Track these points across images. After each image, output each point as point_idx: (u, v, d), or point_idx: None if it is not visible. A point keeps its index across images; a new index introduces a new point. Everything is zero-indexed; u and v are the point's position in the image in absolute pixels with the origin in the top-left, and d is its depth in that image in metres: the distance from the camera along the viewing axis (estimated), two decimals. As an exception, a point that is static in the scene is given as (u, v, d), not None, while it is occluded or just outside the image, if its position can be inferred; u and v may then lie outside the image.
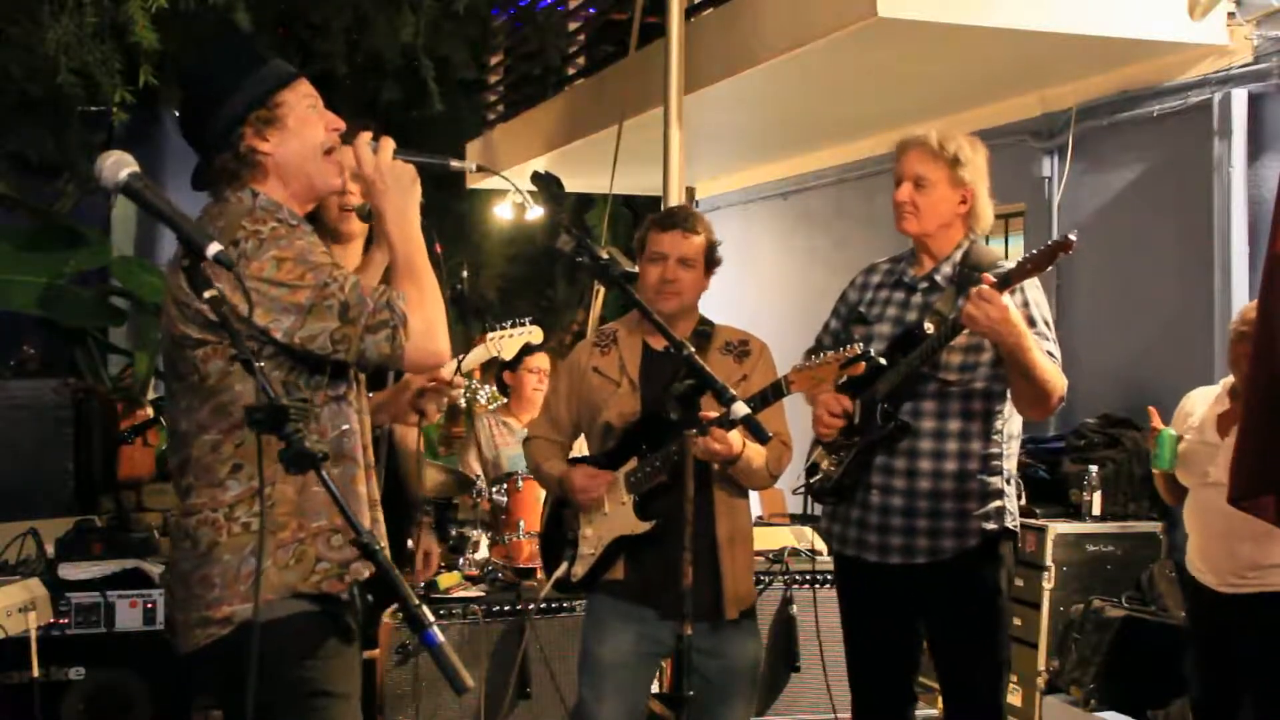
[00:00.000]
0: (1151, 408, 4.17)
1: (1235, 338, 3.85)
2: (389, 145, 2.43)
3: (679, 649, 2.74)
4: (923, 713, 3.48)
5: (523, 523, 4.57)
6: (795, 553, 4.73)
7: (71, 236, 8.73)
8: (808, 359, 3.17)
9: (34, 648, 3.80)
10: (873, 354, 3.03)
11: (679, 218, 3.44)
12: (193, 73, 2.52)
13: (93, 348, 9.00)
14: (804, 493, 3.54)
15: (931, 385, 3.24)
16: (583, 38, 8.34)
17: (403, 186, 2.43)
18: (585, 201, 10.44)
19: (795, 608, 4.57)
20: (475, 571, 4.58)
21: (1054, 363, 3.17)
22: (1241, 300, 4.93)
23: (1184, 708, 4.60)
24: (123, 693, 4.18)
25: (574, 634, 4.13)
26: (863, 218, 7.47)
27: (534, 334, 4.58)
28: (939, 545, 3.24)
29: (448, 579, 4.45)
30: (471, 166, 2.56)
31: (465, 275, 9.83)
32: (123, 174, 2.06)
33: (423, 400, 3.24)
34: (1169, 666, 4.66)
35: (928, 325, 3.20)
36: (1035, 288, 3.27)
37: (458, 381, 3.27)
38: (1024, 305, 3.18)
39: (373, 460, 2.55)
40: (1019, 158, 6.23)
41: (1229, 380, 3.97)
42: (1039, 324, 3.21)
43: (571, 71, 8.34)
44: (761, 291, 8.34)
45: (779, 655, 4.54)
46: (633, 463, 3.34)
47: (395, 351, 2.32)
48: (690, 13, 5.92)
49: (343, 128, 2.47)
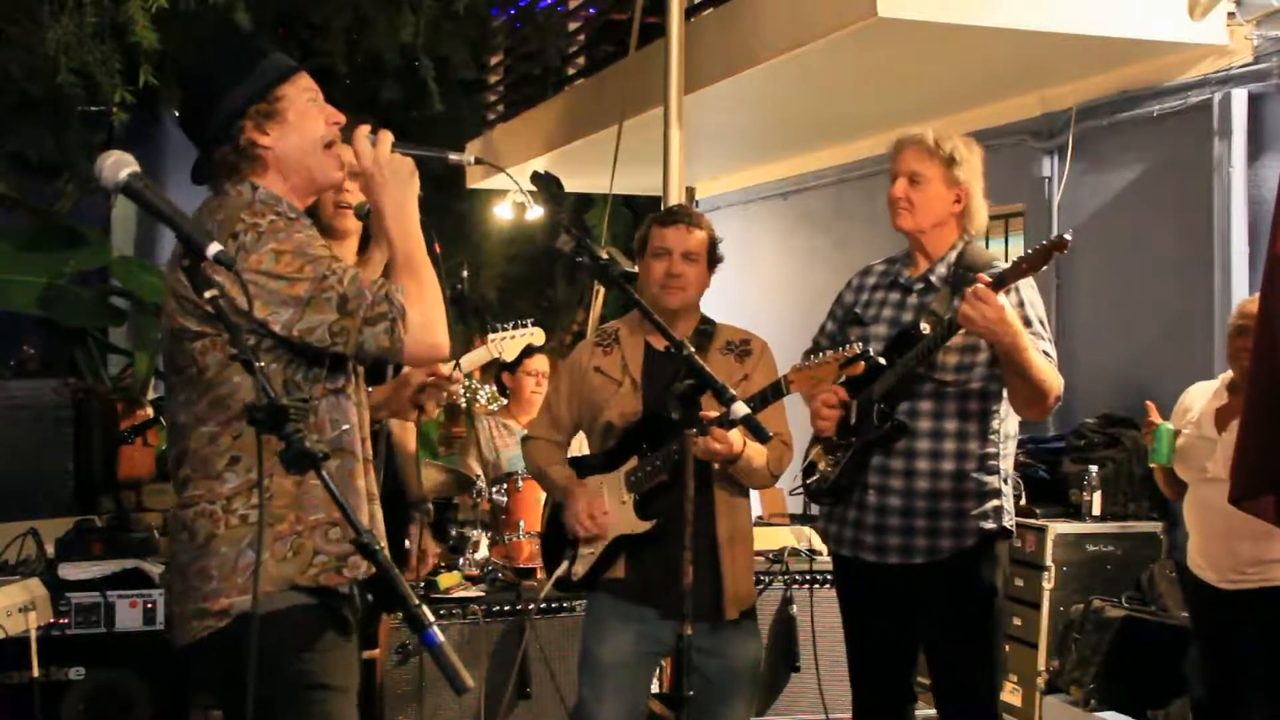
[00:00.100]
0: (1149, 402, 4.17)
1: (1233, 331, 3.85)
2: (387, 138, 2.43)
3: (679, 649, 2.74)
4: (923, 713, 3.47)
5: (523, 523, 4.57)
6: (795, 553, 4.73)
7: (71, 236, 8.72)
8: (805, 361, 3.17)
9: (34, 648, 3.80)
10: (872, 354, 3.04)
11: (681, 213, 3.45)
12: (193, 67, 2.52)
13: (93, 348, 8.99)
14: (801, 493, 3.55)
15: (928, 385, 3.24)
16: (583, 38, 8.34)
17: (401, 180, 2.43)
18: (585, 201, 10.44)
19: (795, 608, 4.57)
20: (475, 571, 4.57)
21: (1050, 362, 3.17)
22: (1242, 299, 4.93)
23: (1184, 708, 4.60)
24: (123, 693, 4.18)
25: (574, 634, 4.13)
26: (863, 218, 7.46)
27: (535, 335, 4.58)
28: (937, 545, 3.24)
29: (448, 579, 4.44)
30: (470, 159, 2.56)
31: (465, 275, 9.82)
32: (123, 174, 2.06)
33: (422, 396, 3.24)
34: (1169, 666, 4.66)
35: (924, 326, 3.20)
36: (1030, 287, 3.27)
37: (457, 377, 3.27)
38: (1019, 305, 3.18)
39: (371, 454, 2.54)
40: (1019, 158, 6.23)
41: (1227, 375, 3.97)
42: (1034, 323, 3.21)
43: (571, 71, 8.33)
44: (761, 291, 8.34)
45: (779, 655, 4.54)
46: (633, 462, 3.34)
47: (394, 344, 2.32)
48: (690, 13, 5.91)
49: (343, 121, 2.47)
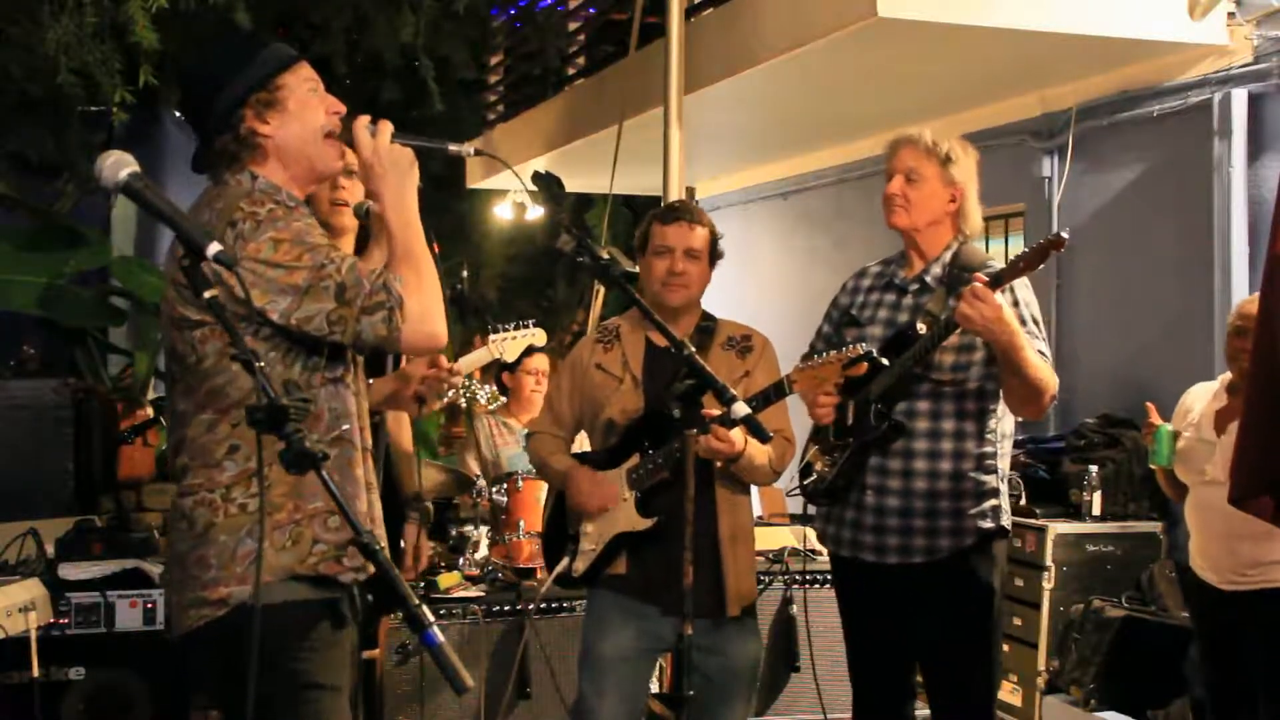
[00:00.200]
0: (1149, 404, 4.17)
1: (1232, 332, 3.84)
2: (387, 129, 2.43)
3: (679, 649, 2.74)
4: (922, 712, 3.47)
5: (523, 522, 4.57)
6: (795, 553, 4.73)
7: (71, 236, 8.72)
8: (805, 364, 3.17)
9: (34, 648, 3.79)
10: (875, 354, 3.04)
11: (682, 210, 3.44)
12: (194, 57, 2.52)
13: (93, 348, 8.98)
14: (799, 494, 3.55)
15: (925, 385, 3.24)
16: (583, 38, 8.34)
17: (401, 170, 2.43)
18: (585, 201, 10.43)
19: (795, 608, 4.57)
20: (475, 571, 4.57)
21: (1045, 361, 3.18)
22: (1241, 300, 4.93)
23: (1184, 708, 4.60)
24: (123, 693, 4.17)
25: (574, 633, 4.13)
26: (863, 218, 7.46)
27: (537, 336, 4.57)
28: (936, 544, 3.24)
29: (448, 579, 4.44)
30: (469, 150, 2.55)
31: (465, 275, 9.82)
32: (123, 174, 2.06)
33: (422, 388, 3.23)
34: (1169, 666, 4.66)
35: (920, 326, 3.21)
36: (1025, 287, 3.27)
37: (457, 369, 3.26)
38: (1014, 304, 3.18)
39: (370, 443, 2.54)
40: (1019, 158, 6.23)
41: (1227, 376, 3.97)
42: (1029, 323, 3.21)
43: (571, 71, 8.33)
44: (761, 291, 8.34)
45: (779, 655, 4.53)
46: (635, 459, 3.34)
47: (392, 333, 2.32)
48: (690, 13, 5.92)
49: (343, 111, 2.47)
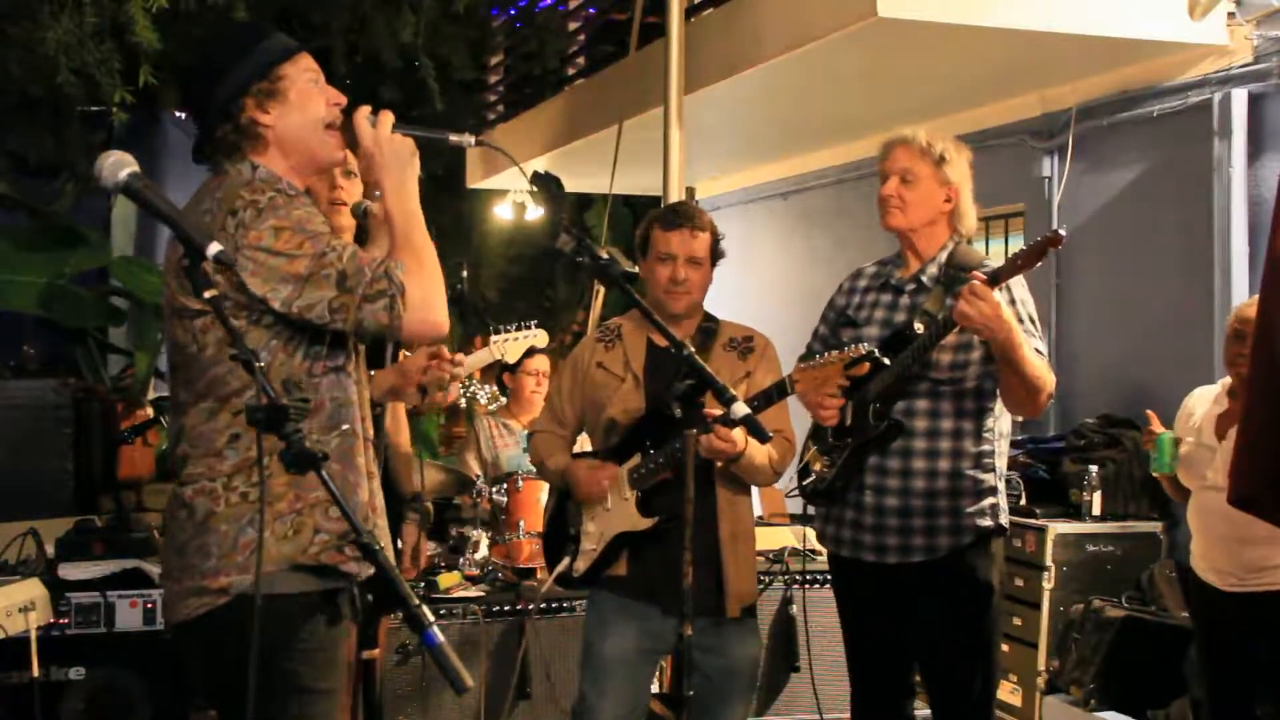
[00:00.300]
0: (1150, 412, 4.17)
1: (1231, 336, 3.83)
2: (388, 119, 2.44)
3: (679, 648, 2.74)
4: (922, 712, 3.47)
5: (523, 523, 4.57)
6: (795, 553, 4.73)
7: (71, 236, 8.73)
8: (804, 365, 3.17)
9: (34, 648, 3.79)
10: (877, 354, 3.04)
11: (683, 215, 3.42)
12: (196, 46, 2.53)
13: (93, 348, 9.00)
14: (797, 495, 3.55)
15: (923, 385, 3.24)
16: (583, 38, 8.34)
17: (402, 160, 2.43)
18: (585, 201, 10.43)
19: (795, 607, 4.57)
20: (475, 571, 4.58)
21: (1042, 359, 3.18)
22: (1241, 300, 4.92)
23: (1184, 708, 4.60)
24: (123, 693, 4.17)
25: (574, 634, 4.13)
26: (863, 218, 7.45)
27: (538, 338, 4.57)
28: (935, 543, 3.24)
29: (448, 579, 4.45)
30: (470, 140, 2.54)
31: (465, 275, 9.80)
32: (122, 174, 2.06)
33: (424, 378, 3.23)
34: (1169, 666, 4.66)
35: (917, 326, 3.21)
36: (1021, 286, 3.28)
37: (459, 359, 3.26)
38: (1011, 303, 3.18)
39: (371, 432, 2.54)
40: (1019, 158, 6.23)
41: (1228, 380, 3.96)
42: (1026, 321, 3.22)
43: (571, 71, 8.34)
44: (761, 291, 8.34)
45: (779, 655, 4.53)
46: (636, 459, 3.34)
47: (393, 321, 2.31)
48: (690, 13, 5.91)
49: (344, 102, 2.47)
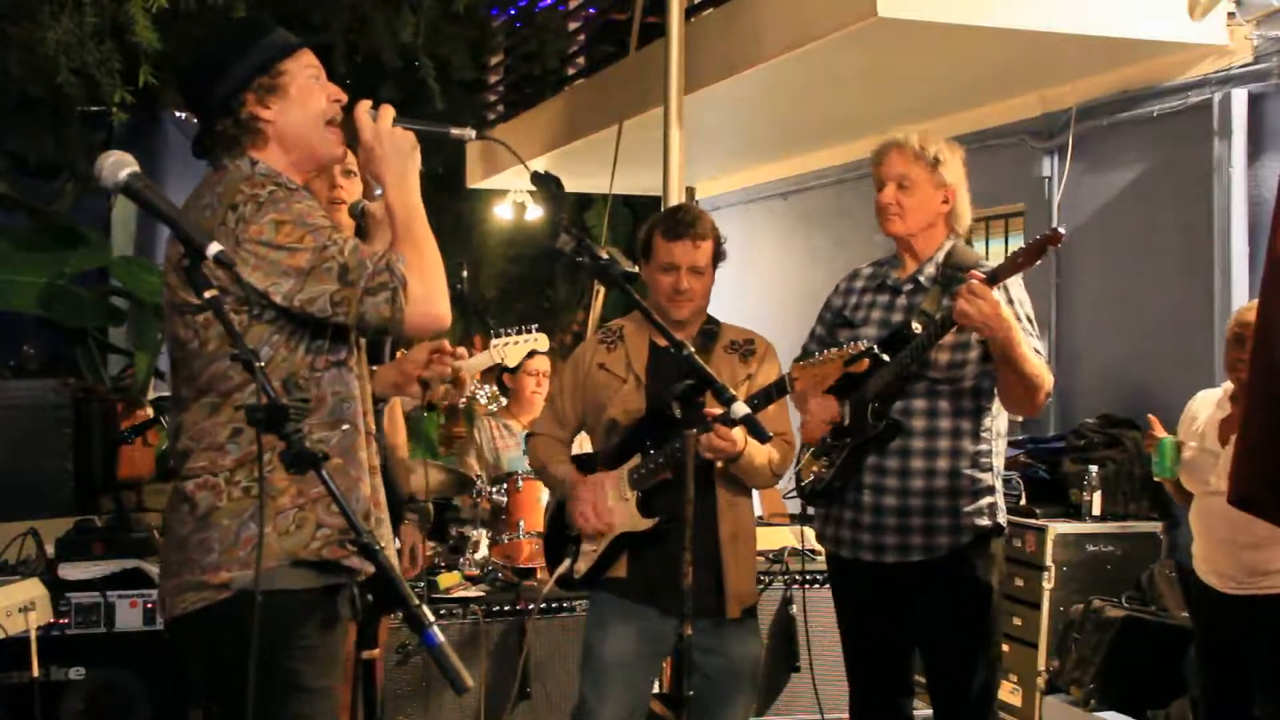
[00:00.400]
0: (1152, 416, 4.16)
1: (1231, 340, 3.82)
2: (389, 112, 2.44)
3: (679, 649, 2.74)
4: (921, 713, 3.47)
5: (523, 523, 4.57)
6: (795, 553, 4.73)
7: (71, 236, 8.73)
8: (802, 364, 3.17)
9: (34, 648, 3.79)
10: (876, 350, 3.04)
11: (685, 224, 3.37)
12: (198, 41, 2.53)
13: (93, 348, 8.99)
14: (796, 496, 3.55)
15: (921, 384, 3.25)
16: (583, 38, 8.34)
17: (402, 153, 2.43)
18: (585, 201, 10.43)
19: (795, 607, 4.57)
20: (475, 571, 4.58)
21: (1040, 358, 3.19)
22: (1241, 300, 4.92)
23: (1184, 708, 4.60)
24: (123, 693, 4.17)
25: (574, 634, 4.13)
26: (863, 218, 7.43)
27: (539, 341, 4.56)
28: (934, 542, 3.25)
29: (448, 579, 4.45)
30: (471, 134, 2.53)
31: (465, 275, 9.81)
32: (123, 174, 2.06)
33: (426, 371, 3.22)
34: (1169, 666, 4.66)
35: (915, 325, 3.21)
36: (1018, 285, 3.29)
37: (460, 353, 3.25)
38: (1008, 302, 3.19)
39: (374, 427, 2.54)
40: (1019, 158, 6.23)
41: (1229, 385, 3.95)
42: (1023, 320, 3.22)
43: (571, 71, 8.34)
44: (761, 292, 8.34)
45: (779, 655, 4.53)
46: (636, 459, 3.34)
47: (395, 314, 2.31)
48: (690, 13, 5.91)
49: (344, 99, 2.48)
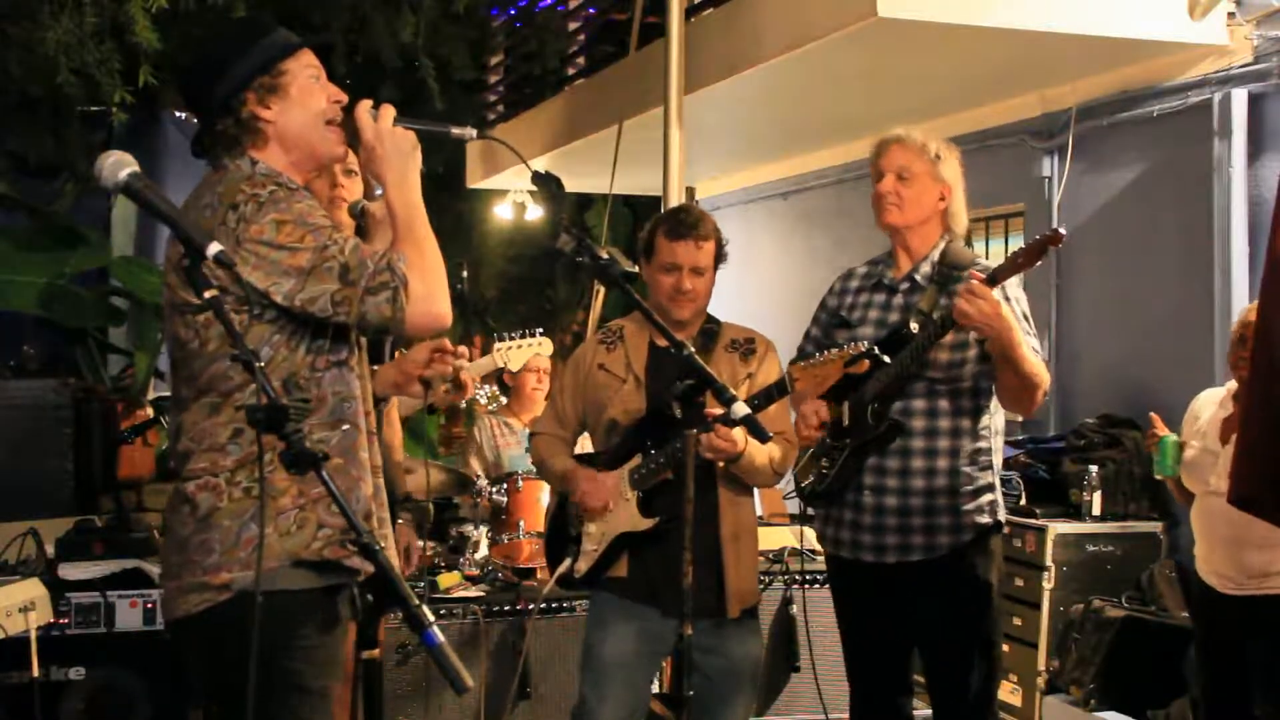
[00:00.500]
0: (1154, 415, 4.17)
1: (1236, 340, 3.83)
2: (389, 112, 2.44)
3: (680, 649, 2.74)
4: (921, 713, 3.47)
5: (523, 522, 4.57)
6: (795, 553, 4.73)
7: (71, 236, 8.73)
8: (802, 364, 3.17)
9: (34, 648, 3.79)
10: (877, 351, 3.04)
11: (687, 225, 3.37)
12: (198, 40, 2.53)
13: (93, 348, 9.00)
14: (796, 497, 3.55)
15: (920, 384, 3.25)
16: (583, 38, 8.34)
17: (403, 153, 2.43)
18: (585, 201, 10.43)
19: (795, 608, 4.57)
20: (475, 571, 4.58)
21: (1038, 357, 3.20)
22: (1241, 300, 4.93)
23: (1184, 708, 4.60)
24: (123, 693, 4.17)
25: (574, 634, 4.13)
26: (863, 218, 7.37)
27: (543, 346, 4.54)
28: (934, 542, 3.25)
29: (448, 579, 4.45)
30: (472, 134, 2.53)
31: (465, 275, 9.81)
32: (123, 174, 2.06)
33: (428, 371, 3.22)
34: (1169, 666, 4.66)
35: (912, 325, 3.21)
36: (1015, 284, 3.30)
37: (461, 351, 3.25)
38: (1006, 301, 3.20)
39: (375, 427, 2.54)
40: (1019, 158, 6.23)
41: (1233, 385, 3.95)
42: (1021, 319, 3.23)
43: (571, 71, 8.34)
44: (761, 292, 8.33)
45: (779, 655, 4.53)
46: (637, 459, 3.34)
47: (396, 314, 2.31)
48: (690, 13, 5.91)
49: (344, 99, 2.48)
